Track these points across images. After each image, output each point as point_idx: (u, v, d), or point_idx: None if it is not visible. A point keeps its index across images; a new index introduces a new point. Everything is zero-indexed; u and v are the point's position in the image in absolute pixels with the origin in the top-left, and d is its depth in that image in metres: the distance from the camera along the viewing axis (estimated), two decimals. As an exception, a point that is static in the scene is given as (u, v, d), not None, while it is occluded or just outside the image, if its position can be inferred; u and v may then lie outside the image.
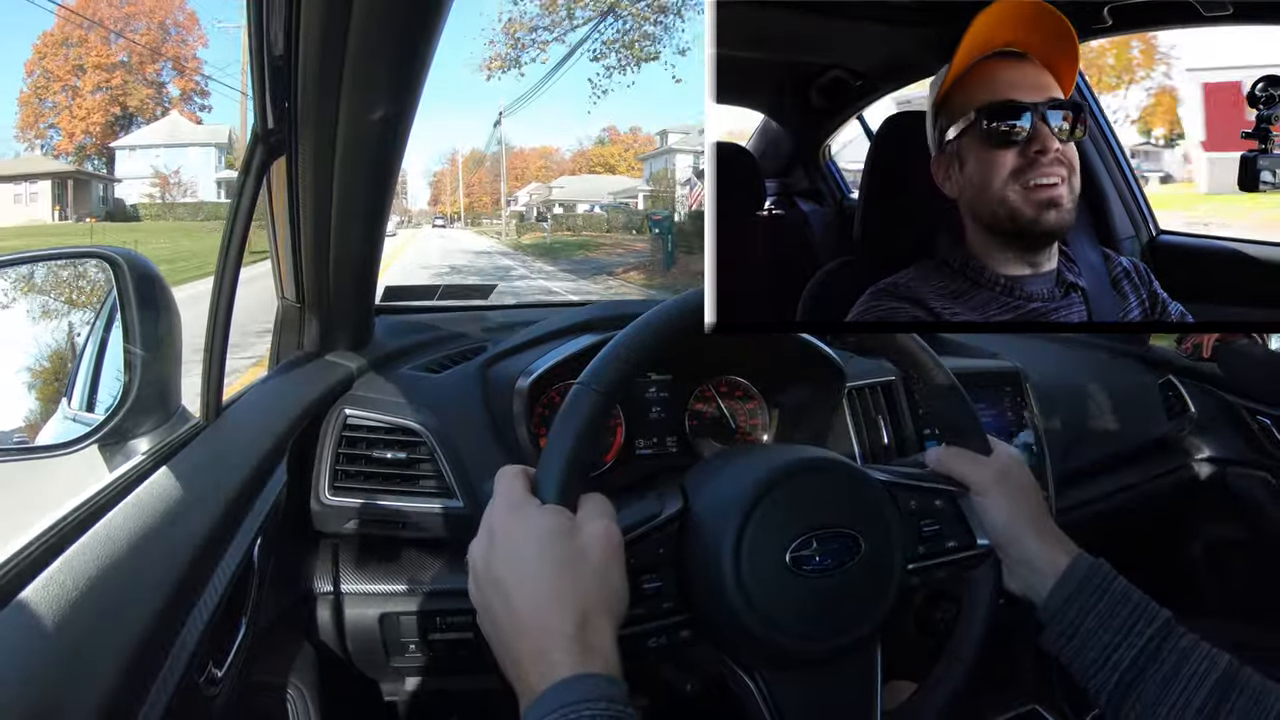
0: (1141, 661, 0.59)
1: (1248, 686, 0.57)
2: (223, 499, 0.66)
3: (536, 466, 0.58)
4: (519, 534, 0.53)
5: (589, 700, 0.46)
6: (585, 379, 0.59)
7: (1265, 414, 1.47)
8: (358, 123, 0.72)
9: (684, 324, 0.61)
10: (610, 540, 0.54)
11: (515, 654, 0.50)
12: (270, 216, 0.93)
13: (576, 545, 0.53)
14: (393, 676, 0.96)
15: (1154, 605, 0.62)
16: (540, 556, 0.52)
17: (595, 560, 0.53)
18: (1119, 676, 0.60)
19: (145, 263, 0.76)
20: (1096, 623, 0.62)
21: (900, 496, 0.67)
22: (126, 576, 0.52)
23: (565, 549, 0.52)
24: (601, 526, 0.55)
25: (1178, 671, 0.58)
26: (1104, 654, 0.61)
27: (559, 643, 0.49)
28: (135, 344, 0.73)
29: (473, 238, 32.69)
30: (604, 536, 0.54)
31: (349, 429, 0.93)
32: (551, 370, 0.95)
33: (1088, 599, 0.63)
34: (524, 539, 0.53)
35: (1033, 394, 1.26)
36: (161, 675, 0.48)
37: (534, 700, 0.47)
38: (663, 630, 0.61)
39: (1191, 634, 0.60)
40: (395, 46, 0.65)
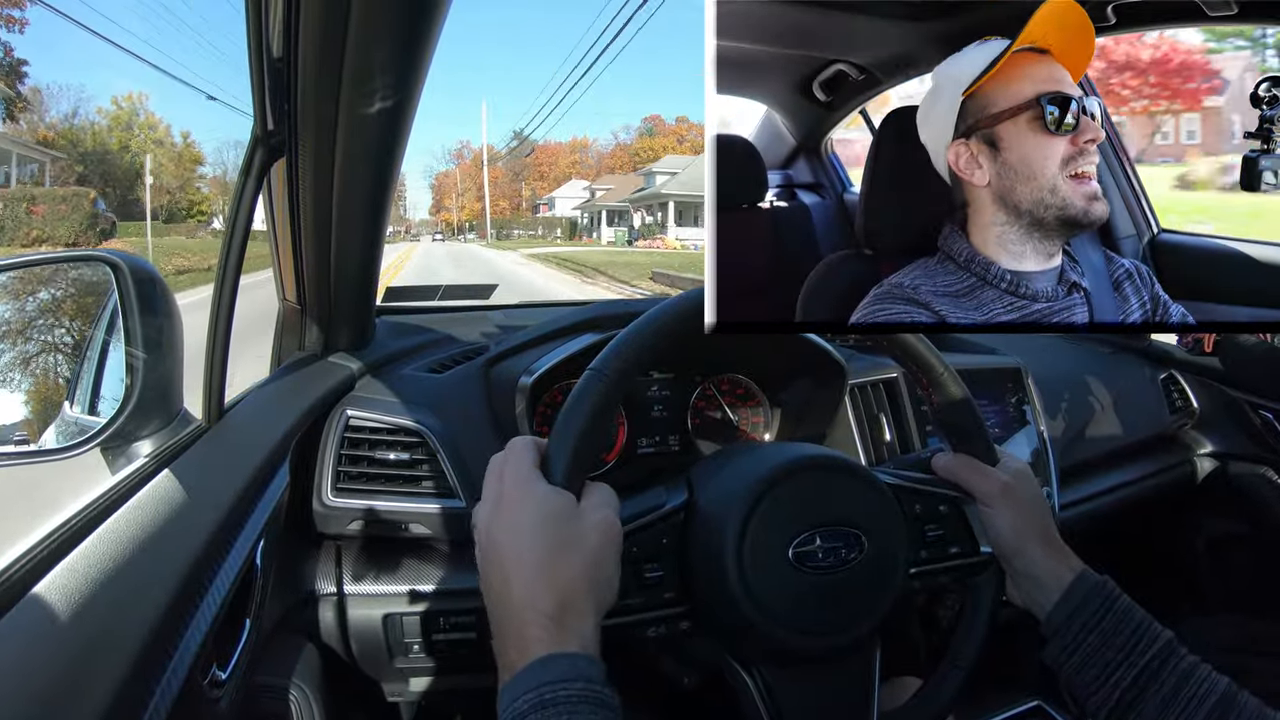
0: (1142, 681, 0.60)
1: (1245, 710, 0.58)
2: (225, 501, 0.66)
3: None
4: (522, 508, 0.53)
5: (566, 680, 0.46)
6: (597, 365, 0.59)
7: (1267, 408, 1.47)
8: (358, 122, 0.72)
9: (690, 319, 0.61)
10: (609, 531, 0.55)
11: (500, 627, 0.51)
12: (271, 218, 0.93)
13: (575, 530, 0.53)
14: (396, 677, 0.96)
15: (1156, 625, 0.62)
16: (536, 534, 0.52)
17: (590, 547, 0.53)
18: (1119, 695, 0.60)
19: (146, 266, 0.76)
20: (1099, 640, 0.62)
21: (905, 500, 0.67)
22: (130, 579, 0.52)
23: (563, 532, 0.53)
24: (602, 516, 0.55)
25: (1177, 693, 0.59)
26: (1105, 672, 0.61)
27: (538, 620, 0.49)
28: (137, 347, 0.73)
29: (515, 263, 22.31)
30: (603, 526, 0.55)
31: (351, 430, 0.93)
32: (554, 369, 0.95)
33: (1090, 616, 0.63)
34: (526, 514, 0.53)
35: (1035, 390, 1.26)
36: (165, 677, 0.48)
37: (511, 678, 0.48)
38: (662, 620, 0.62)
39: (1192, 656, 0.61)
40: (394, 45, 0.65)
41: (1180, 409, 1.53)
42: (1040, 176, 0.51)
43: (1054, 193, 0.51)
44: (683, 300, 0.62)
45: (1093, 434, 1.37)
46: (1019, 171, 0.52)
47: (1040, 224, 0.52)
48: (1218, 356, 1.53)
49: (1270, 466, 1.49)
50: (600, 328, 1.03)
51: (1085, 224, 0.52)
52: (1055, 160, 0.51)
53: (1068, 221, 0.52)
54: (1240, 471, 1.53)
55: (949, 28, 0.50)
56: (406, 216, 52.77)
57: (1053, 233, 0.52)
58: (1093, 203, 0.51)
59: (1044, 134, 0.51)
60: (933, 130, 0.53)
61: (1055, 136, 0.51)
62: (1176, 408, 1.53)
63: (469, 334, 1.23)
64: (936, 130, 0.53)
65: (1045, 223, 0.52)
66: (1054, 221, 0.52)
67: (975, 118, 0.52)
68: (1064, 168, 0.51)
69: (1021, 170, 0.52)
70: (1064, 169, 0.51)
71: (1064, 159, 0.51)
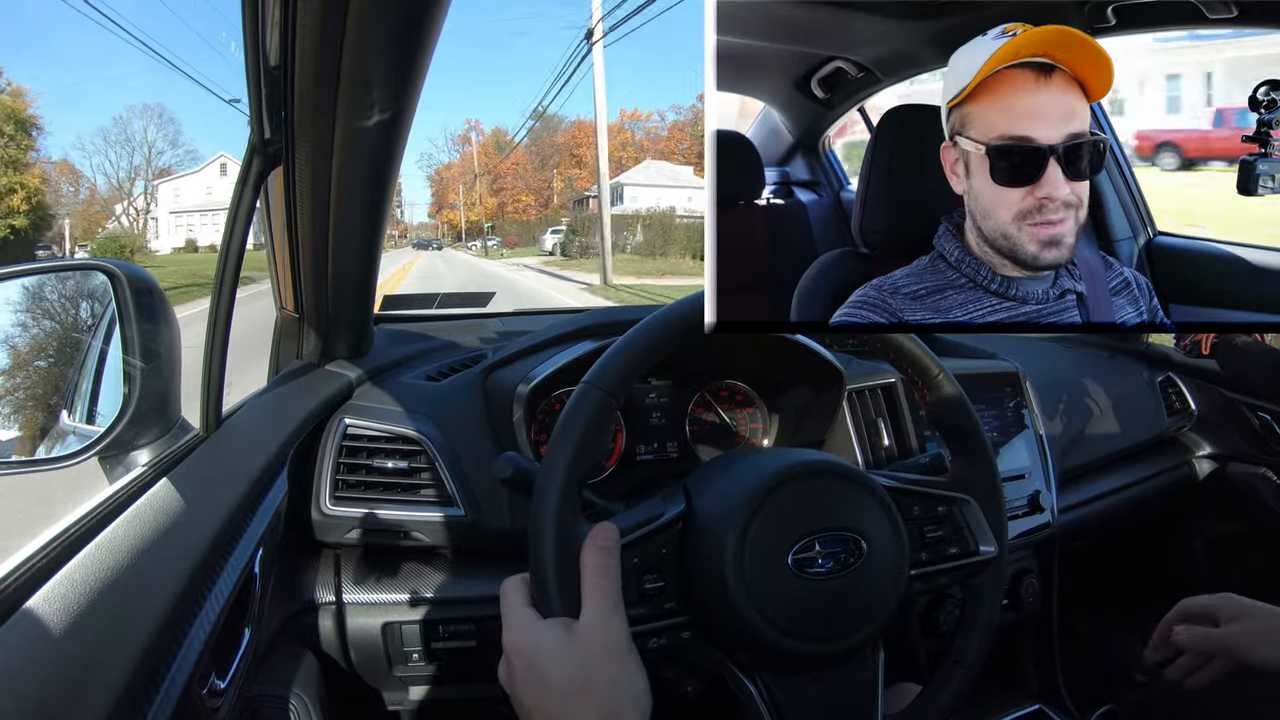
0: None
1: None
2: (223, 510, 0.66)
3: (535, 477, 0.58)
4: (528, 657, 0.53)
5: None
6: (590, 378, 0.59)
7: (1265, 410, 1.47)
8: (355, 130, 0.72)
9: (686, 326, 0.61)
10: (614, 639, 0.54)
11: None
12: (268, 226, 0.93)
13: (584, 657, 0.53)
14: (396, 686, 0.96)
15: None
16: (548, 676, 0.52)
17: (604, 666, 0.53)
18: None
19: (144, 275, 0.76)
20: None
21: (903, 502, 0.67)
22: (128, 588, 0.52)
23: (571, 664, 0.52)
24: (602, 627, 0.54)
25: None
26: None
27: None
28: (135, 356, 0.73)
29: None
30: (606, 639, 0.54)
31: (349, 439, 0.93)
32: (552, 376, 0.95)
33: None
34: (534, 661, 0.53)
35: (1033, 394, 1.26)
36: (164, 687, 0.48)
37: None
38: (664, 630, 0.61)
39: None
40: (391, 52, 0.65)
41: (1178, 411, 1.54)
42: (992, 218, 0.50)
43: (1005, 238, 0.50)
44: (677, 308, 0.62)
45: (1091, 437, 1.37)
46: (980, 202, 0.50)
47: (999, 252, 0.51)
48: (1215, 359, 1.53)
49: (1269, 468, 1.50)
50: (597, 335, 1.03)
51: (1035, 268, 0.50)
52: (1009, 210, 0.49)
53: (1017, 262, 0.50)
54: (1239, 473, 1.53)
55: (948, 26, 0.50)
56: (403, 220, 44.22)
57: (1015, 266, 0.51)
58: (1045, 249, 0.49)
59: (994, 183, 0.49)
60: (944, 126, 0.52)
61: (1005, 188, 0.49)
62: (1174, 410, 1.53)
63: (467, 342, 1.22)
64: (944, 126, 0.52)
65: (1002, 253, 0.51)
66: (1006, 261, 0.51)
67: (954, 130, 0.51)
68: (1016, 220, 0.49)
69: (982, 202, 0.50)
70: (1021, 220, 0.49)
71: (1018, 212, 0.49)
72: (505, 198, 35.33)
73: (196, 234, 35.49)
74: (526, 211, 35.35)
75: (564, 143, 38.05)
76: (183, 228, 36.14)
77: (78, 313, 0.81)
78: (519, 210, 35.09)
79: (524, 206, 35.75)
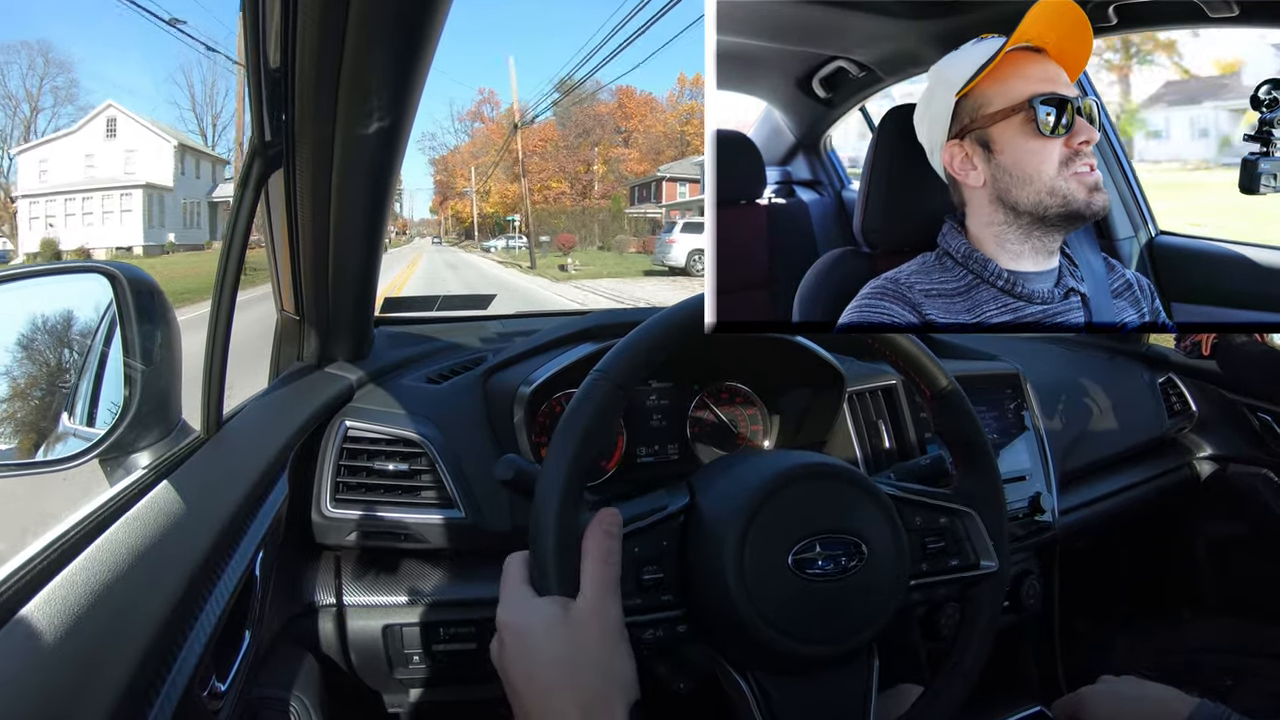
0: None
1: None
2: (224, 513, 0.65)
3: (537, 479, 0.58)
4: (520, 634, 0.53)
5: None
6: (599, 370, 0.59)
7: (1265, 411, 1.47)
8: (355, 132, 0.72)
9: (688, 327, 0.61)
10: (607, 624, 0.54)
11: None
12: (269, 229, 0.93)
13: (574, 638, 0.53)
14: (396, 688, 0.96)
15: None
16: (537, 654, 0.52)
17: (595, 650, 0.53)
18: None
19: (144, 277, 0.76)
20: None
21: (906, 512, 0.67)
22: (128, 591, 0.52)
23: (562, 644, 0.52)
24: (597, 611, 0.54)
25: None
26: None
27: None
28: (135, 358, 0.73)
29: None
30: (600, 623, 0.54)
31: (349, 441, 0.93)
32: (552, 379, 0.95)
33: None
34: (524, 637, 0.53)
35: (1033, 395, 1.26)
36: (164, 689, 0.48)
37: None
38: (660, 623, 0.62)
39: None
40: (391, 55, 0.66)
41: (1179, 412, 1.54)
42: (1037, 180, 0.51)
43: (1053, 193, 0.51)
44: (681, 308, 0.62)
45: (1092, 438, 1.37)
46: (1014, 174, 0.51)
47: (1042, 221, 0.52)
48: (1216, 360, 1.53)
49: (1269, 469, 1.50)
50: (597, 337, 1.03)
51: (1088, 216, 0.52)
52: (1052, 164, 0.51)
53: (1070, 216, 0.52)
54: (1239, 474, 1.53)
55: (950, 26, 0.50)
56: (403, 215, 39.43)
57: (1054, 228, 0.52)
58: (1094, 194, 0.51)
59: (1038, 137, 0.51)
60: (928, 130, 0.53)
61: (1049, 139, 0.50)
62: (1175, 411, 1.53)
63: (467, 344, 1.23)
64: (931, 130, 0.53)
65: (1047, 219, 0.52)
66: (1056, 218, 0.52)
67: (969, 119, 0.52)
68: (1060, 170, 0.51)
69: (1016, 173, 0.51)
70: (1060, 171, 0.51)
71: (1060, 161, 0.51)
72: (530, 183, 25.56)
73: (62, 227, 23.68)
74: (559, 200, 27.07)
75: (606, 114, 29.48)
76: (40, 220, 23.93)
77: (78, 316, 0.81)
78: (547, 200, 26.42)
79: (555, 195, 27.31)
